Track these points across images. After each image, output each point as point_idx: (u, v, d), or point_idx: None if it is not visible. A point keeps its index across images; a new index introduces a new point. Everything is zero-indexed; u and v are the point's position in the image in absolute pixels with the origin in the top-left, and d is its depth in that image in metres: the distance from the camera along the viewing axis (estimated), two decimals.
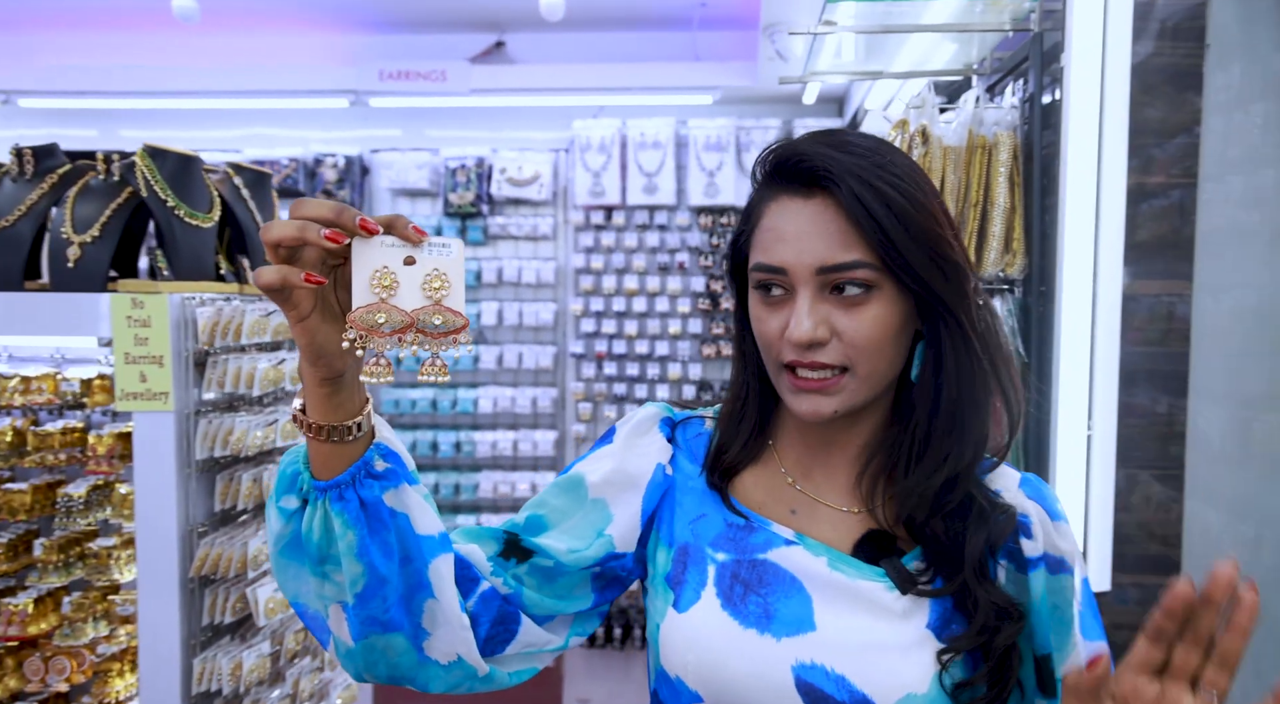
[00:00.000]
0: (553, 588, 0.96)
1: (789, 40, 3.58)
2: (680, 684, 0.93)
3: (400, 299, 0.76)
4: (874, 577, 0.91)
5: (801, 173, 0.89)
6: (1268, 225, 1.85)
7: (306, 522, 0.83)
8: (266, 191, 2.27)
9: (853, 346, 0.87)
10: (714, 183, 4.85)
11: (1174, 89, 1.83)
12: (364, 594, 0.84)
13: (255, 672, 1.95)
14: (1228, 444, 1.89)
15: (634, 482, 0.99)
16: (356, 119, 5.28)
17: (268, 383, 1.97)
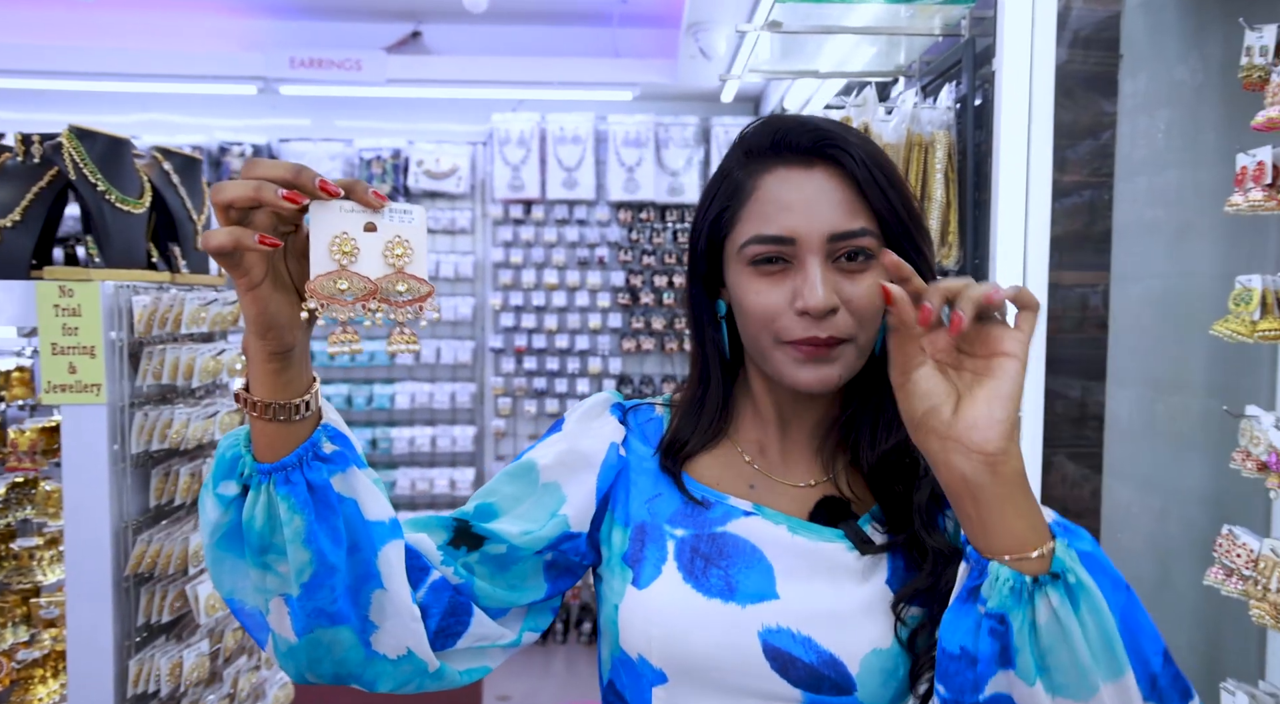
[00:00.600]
0: (505, 577, 0.95)
1: (713, 39, 3.65)
2: (643, 664, 0.92)
3: (361, 266, 0.73)
4: (833, 538, 0.91)
5: (804, 145, 0.89)
6: (1171, 222, 1.99)
7: (248, 508, 0.79)
8: (197, 178, 2.22)
9: (858, 315, 0.88)
10: (633, 178, 4.90)
11: (1089, 94, 1.95)
12: (311, 584, 0.80)
13: (196, 671, 1.91)
14: (1136, 424, 2.03)
15: (587, 461, 0.98)
16: (264, 107, 5.14)
17: (207, 374, 1.92)
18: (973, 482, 0.74)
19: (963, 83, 1.89)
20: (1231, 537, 1.69)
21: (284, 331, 0.75)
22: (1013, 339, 0.75)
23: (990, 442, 0.73)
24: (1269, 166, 1.64)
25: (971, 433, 0.74)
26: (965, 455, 0.74)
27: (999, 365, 0.75)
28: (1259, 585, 1.60)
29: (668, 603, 0.91)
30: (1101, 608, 0.73)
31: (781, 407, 0.98)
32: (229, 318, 2.03)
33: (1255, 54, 1.69)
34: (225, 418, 1.96)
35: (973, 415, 0.74)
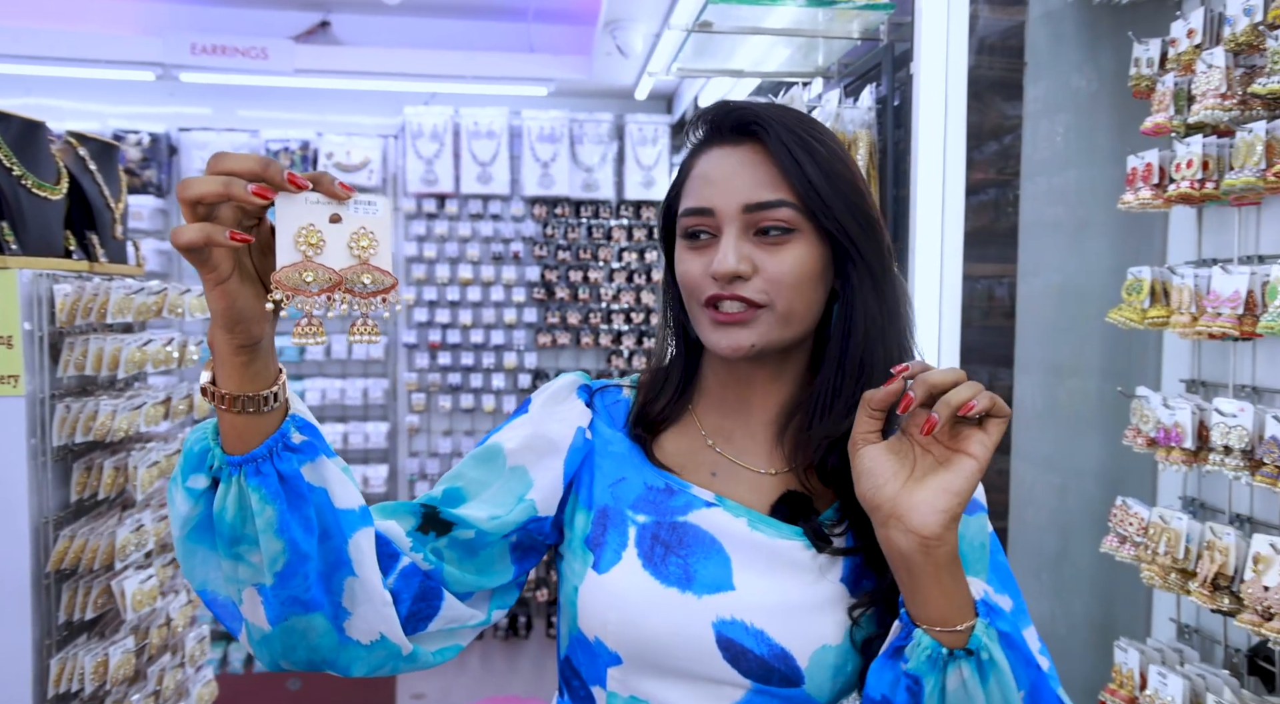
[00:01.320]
0: (474, 562, 0.95)
1: (630, 37, 3.70)
2: (599, 645, 0.94)
3: (326, 258, 0.74)
4: (791, 536, 0.93)
5: (731, 123, 0.94)
6: (1070, 219, 2.13)
7: (219, 500, 0.79)
8: (114, 165, 2.16)
9: (772, 283, 0.90)
10: (548, 174, 4.92)
11: (997, 98, 2.07)
12: (285, 572, 0.80)
13: (121, 669, 1.87)
14: (1038, 407, 2.17)
15: (554, 446, 0.99)
16: (163, 94, 4.98)
17: (132, 365, 1.89)
18: (907, 557, 0.82)
19: (883, 84, 2.00)
20: (1125, 507, 1.84)
21: (251, 324, 0.76)
22: (979, 442, 0.82)
23: (928, 527, 0.80)
24: (1156, 167, 1.78)
25: (913, 514, 0.81)
26: (903, 533, 0.81)
27: (959, 461, 0.82)
28: (1149, 550, 1.74)
29: (626, 589, 0.92)
30: (1009, 684, 0.82)
31: (739, 390, 1.00)
32: (153, 308, 1.99)
33: (1143, 65, 1.84)
34: (151, 410, 1.93)
35: (919, 499, 0.81)
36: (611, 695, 0.94)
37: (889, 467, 0.83)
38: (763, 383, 0.99)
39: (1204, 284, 1.67)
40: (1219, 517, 1.77)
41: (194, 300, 2.14)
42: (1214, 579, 1.56)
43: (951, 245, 1.87)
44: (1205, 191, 1.64)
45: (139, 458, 1.86)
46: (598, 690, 0.95)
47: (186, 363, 2.15)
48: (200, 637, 2.23)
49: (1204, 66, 1.61)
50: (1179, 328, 1.69)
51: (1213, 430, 1.61)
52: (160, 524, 1.98)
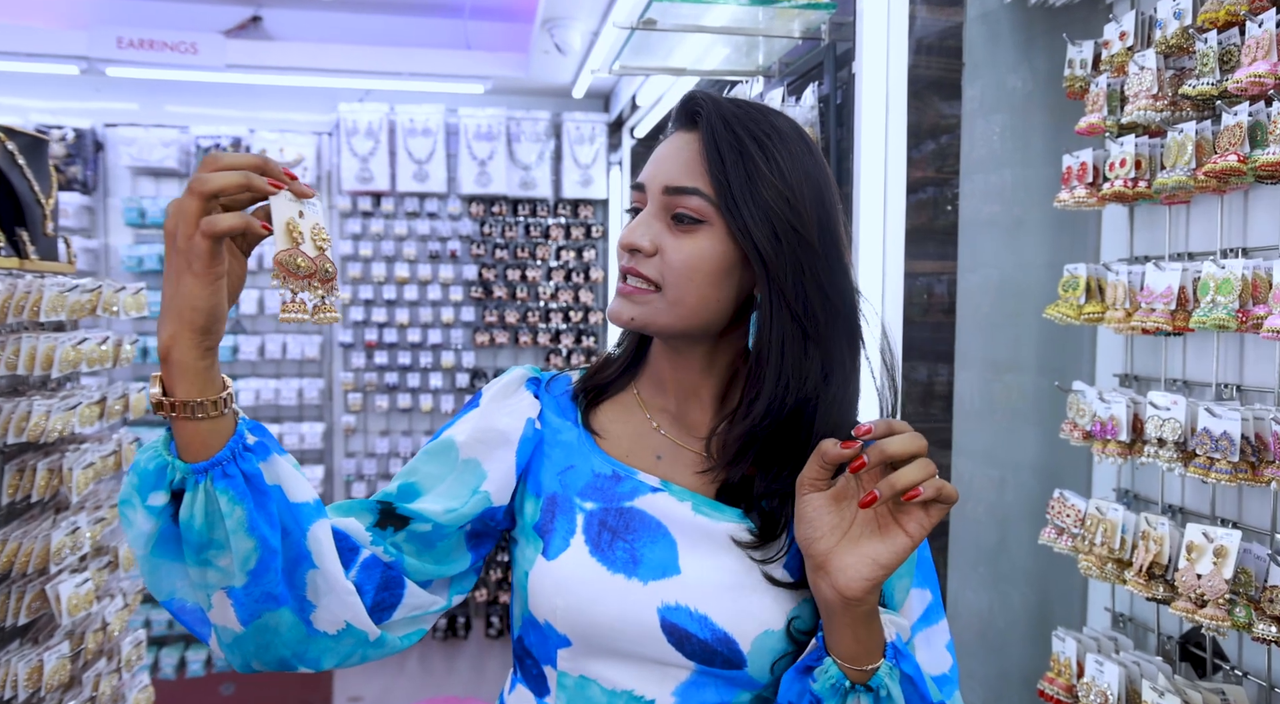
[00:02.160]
0: (432, 553, 0.98)
1: (568, 35, 3.70)
2: (549, 628, 0.96)
3: (305, 248, 0.83)
4: (735, 519, 0.96)
5: (686, 110, 0.98)
6: (1007, 216, 2.19)
7: (186, 509, 0.81)
8: (44, 159, 2.09)
9: (668, 267, 0.93)
10: (485, 172, 4.88)
11: (935, 97, 2.12)
12: (258, 570, 0.83)
13: (56, 675, 1.81)
14: (977, 402, 2.22)
15: (505, 438, 1.02)
16: (88, 88, 4.83)
17: (67, 364, 1.83)
18: (828, 604, 0.88)
19: (825, 83, 2.03)
20: (1062, 499, 1.89)
21: (221, 323, 0.81)
22: (917, 522, 0.86)
23: (851, 589, 0.86)
24: (1091, 167, 1.84)
25: (839, 574, 0.87)
26: (829, 586, 0.87)
27: (893, 536, 0.86)
28: (1086, 541, 1.80)
29: (574, 575, 0.95)
30: None
31: (674, 373, 1.02)
32: (87, 306, 1.93)
33: (1076, 66, 1.89)
34: (85, 410, 1.87)
35: (848, 562, 0.87)
36: (562, 675, 0.97)
37: (828, 520, 0.88)
38: (698, 370, 1.02)
39: (1137, 280, 1.73)
40: (1152, 507, 1.83)
41: (128, 299, 2.08)
42: (1149, 568, 1.61)
43: (894, 243, 1.91)
44: (1138, 190, 1.70)
45: (74, 459, 1.80)
46: (549, 670, 0.99)
47: (121, 362, 2.09)
48: (136, 641, 2.17)
49: (1136, 68, 1.67)
50: (1114, 323, 1.75)
51: (1147, 423, 1.67)
52: (96, 527, 1.93)
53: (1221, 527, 1.52)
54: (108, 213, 4.81)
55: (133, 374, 4.69)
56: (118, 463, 2.02)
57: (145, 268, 4.66)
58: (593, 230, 5.07)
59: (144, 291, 2.12)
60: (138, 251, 4.66)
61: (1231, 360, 1.66)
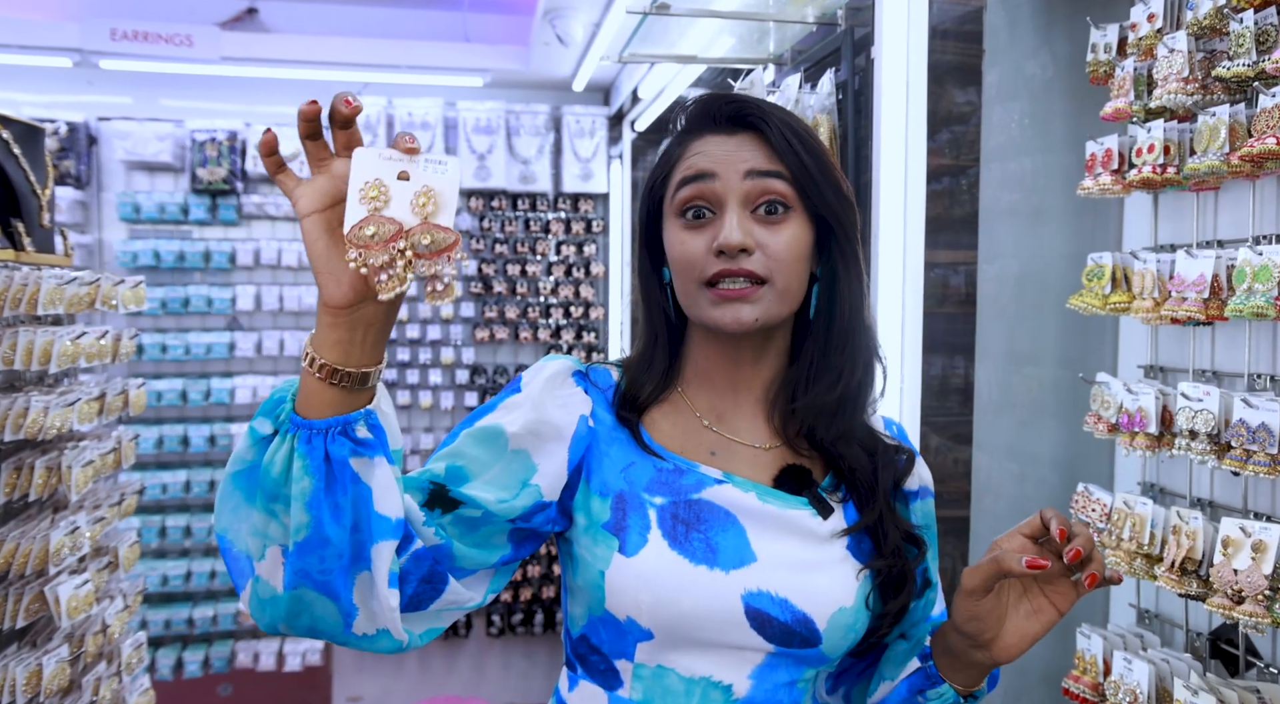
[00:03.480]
0: (475, 537, 0.96)
1: (570, 25, 3.65)
2: (631, 623, 0.97)
3: (389, 212, 0.76)
4: (799, 506, 1.01)
5: (728, 114, 1.00)
6: (1026, 205, 2.14)
7: (271, 451, 0.81)
8: (39, 149, 2.04)
9: (774, 259, 0.96)
10: (485, 166, 4.83)
11: (956, 84, 2.07)
12: (303, 545, 0.81)
13: (56, 679, 1.76)
14: (996, 395, 2.18)
15: (559, 432, 1.01)
16: (81, 82, 4.76)
17: (65, 359, 1.77)
18: (975, 664, 1.01)
19: (842, 69, 1.98)
20: (1086, 493, 1.85)
21: (331, 280, 0.78)
22: (1067, 599, 0.97)
23: (1004, 658, 0.99)
24: (1116, 153, 1.79)
25: (1001, 652, 0.98)
26: (986, 656, 0.99)
27: (1045, 611, 0.97)
28: (1113, 536, 1.76)
29: (657, 569, 0.96)
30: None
31: (729, 369, 1.04)
32: (85, 299, 1.88)
33: (1100, 50, 1.85)
34: (84, 406, 1.82)
35: (1009, 642, 0.98)
36: (639, 666, 0.99)
37: (994, 613, 0.97)
38: (750, 362, 1.04)
39: (1166, 269, 1.69)
40: (1180, 501, 1.79)
41: (127, 292, 2.03)
42: (1181, 563, 1.57)
43: (914, 232, 1.87)
44: (1166, 176, 1.66)
45: (72, 457, 1.75)
46: (622, 664, 1.00)
47: (121, 357, 2.03)
48: (137, 643, 2.12)
49: (1165, 51, 1.62)
50: (1141, 313, 1.71)
51: (1177, 415, 1.63)
52: (96, 526, 1.87)
53: (1256, 520, 1.48)
54: (101, 208, 4.74)
55: (129, 371, 4.64)
56: (117, 460, 1.97)
57: (140, 263, 4.59)
58: (593, 225, 5.02)
59: (143, 285, 2.07)
60: (132, 247, 4.60)
61: (1264, 350, 1.61)
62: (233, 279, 4.78)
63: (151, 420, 4.66)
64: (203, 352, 4.64)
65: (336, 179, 0.78)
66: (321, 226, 0.78)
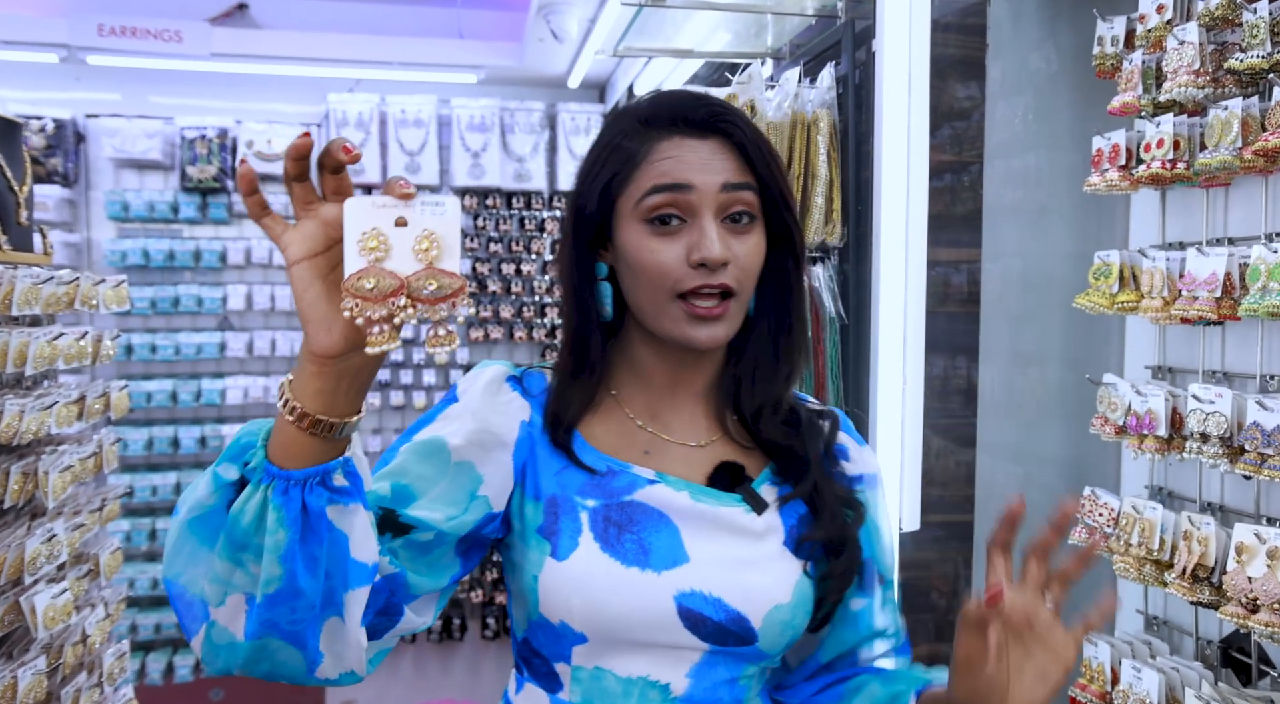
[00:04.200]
0: (426, 561, 0.94)
1: (565, 21, 3.60)
2: (564, 627, 0.97)
3: (392, 263, 0.72)
4: (732, 503, 1.01)
5: (702, 117, 0.98)
6: (1030, 202, 2.10)
7: (241, 501, 0.77)
8: (17, 144, 1.98)
9: (742, 271, 0.97)
10: (479, 164, 4.77)
11: (959, 78, 2.03)
12: (274, 598, 0.78)
13: (33, 692, 1.71)
14: (999, 396, 2.13)
15: (501, 440, 1.00)
16: (68, 78, 4.69)
17: (42, 361, 1.72)
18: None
19: (843, 63, 1.93)
20: (1094, 497, 1.80)
21: (321, 329, 0.74)
22: (1070, 644, 0.91)
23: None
24: (1123, 149, 1.75)
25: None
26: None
27: (1053, 669, 0.91)
28: (1121, 541, 1.71)
29: (589, 573, 0.95)
30: None
31: (671, 370, 1.04)
32: (64, 299, 1.82)
33: (1107, 43, 1.80)
34: (62, 410, 1.76)
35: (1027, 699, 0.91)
36: (576, 669, 0.99)
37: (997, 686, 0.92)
38: (693, 362, 1.04)
39: (1176, 267, 1.64)
40: (1189, 505, 1.74)
41: (109, 292, 1.98)
42: (1193, 570, 1.53)
43: (916, 230, 1.82)
44: (1176, 172, 1.61)
45: (49, 462, 1.70)
46: (561, 667, 1.00)
47: (102, 359, 1.98)
48: (120, 653, 2.06)
49: (1175, 43, 1.58)
50: (1150, 313, 1.66)
51: (1188, 417, 1.58)
52: (74, 533, 1.82)
53: (1270, 526, 1.44)
54: (90, 206, 4.68)
55: (118, 372, 4.58)
56: (98, 465, 1.91)
57: (129, 263, 4.53)
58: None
59: (125, 284, 2.01)
60: (121, 246, 4.53)
61: (1278, 350, 1.57)
62: (223, 278, 4.72)
63: (141, 422, 4.60)
64: (193, 352, 4.58)
65: (326, 224, 0.75)
66: (313, 273, 0.75)
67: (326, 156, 0.73)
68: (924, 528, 1.90)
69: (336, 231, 0.74)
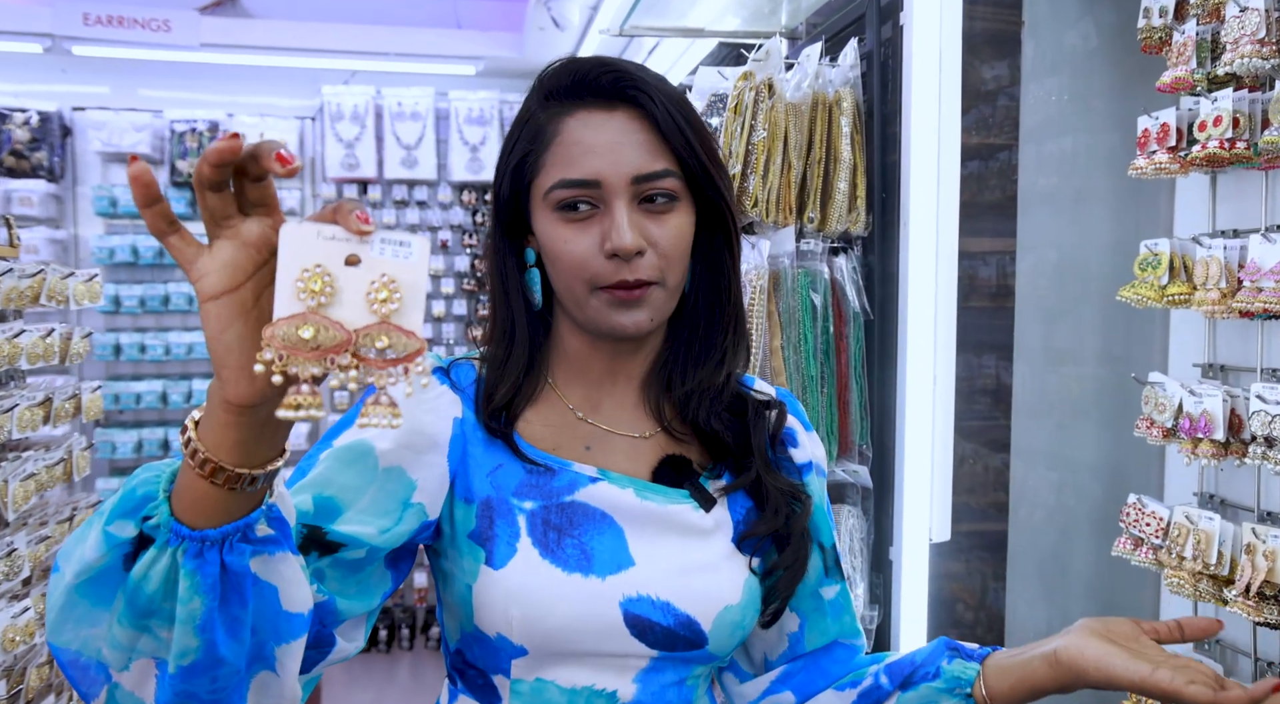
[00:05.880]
0: (356, 581, 0.86)
1: (565, 8, 3.47)
2: (502, 640, 0.90)
3: (337, 309, 0.58)
4: (680, 499, 0.95)
5: (605, 86, 0.89)
6: (1066, 189, 1.97)
7: (144, 566, 0.64)
8: None
9: (665, 257, 0.90)
10: (477, 158, 4.65)
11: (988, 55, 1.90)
12: (190, 669, 0.66)
13: None
14: (1033, 397, 2.00)
15: (433, 441, 0.92)
16: (53, 69, 4.57)
17: (3, 360, 1.59)
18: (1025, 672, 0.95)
19: (868, 39, 1.80)
20: (1139, 506, 1.67)
21: (242, 377, 0.60)
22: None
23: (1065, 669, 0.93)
24: (1173, 128, 1.62)
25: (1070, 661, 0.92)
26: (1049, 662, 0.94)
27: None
28: (1173, 554, 1.58)
29: (527, 582, 0.89)
30: None
31: (606, 360, 0.98)
32: (28, 294, 1.69)
33: (1155, 15, 1.67)
34: (26, 413, 1.63)
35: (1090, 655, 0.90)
36: (516, 682, 0.93)
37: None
38: (629, 351, 0.98)
39: (1234, 256, 1.51)
40: (1244, 514, 1.61)
41: (80, 286, 1.85)
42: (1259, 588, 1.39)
43: (947, 219, 1.69)
44: (1236, 152, 1.48)
45: (10, 469, 1.57)
46: (499, 679, 0.94)
47: (71, 358, 1.85)
48: None
49: (1236, 9, 1.45)
50: (1205, 306, 1.53)
51: (1250, 420, 1.45)
52: (39, 547, 1.69)
53: None
54: (77, 201, 4.56)
55: (106, 372, 4.45)
56: (67, 472, 1.78)
57: (117, 260, 4.41)
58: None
59: (98, 279, 1.88)
60: (109, 243, 4.41)
61: None
62: None
63: (130, 424, 4.48)
64: (184, 351, 4.46)
65: (250, 248, 0.61)
66: (233, 310, 0.60)
67: (252, 162, 0.58)
68: (953, 537, 1.77)
69: (261, 255, 0.61)
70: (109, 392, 4.36)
